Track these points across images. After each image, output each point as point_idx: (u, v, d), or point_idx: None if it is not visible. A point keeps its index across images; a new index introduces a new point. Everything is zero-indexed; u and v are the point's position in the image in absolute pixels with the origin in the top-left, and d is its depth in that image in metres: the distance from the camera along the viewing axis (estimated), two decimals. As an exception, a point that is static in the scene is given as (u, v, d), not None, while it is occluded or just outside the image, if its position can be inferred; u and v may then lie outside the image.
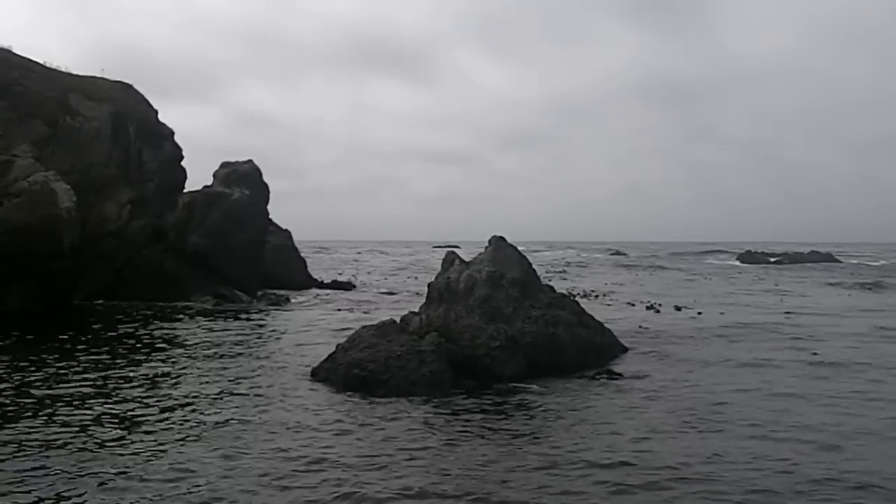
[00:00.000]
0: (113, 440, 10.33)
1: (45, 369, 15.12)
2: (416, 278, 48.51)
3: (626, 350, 18.16)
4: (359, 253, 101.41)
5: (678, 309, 28.76)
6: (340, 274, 51.17)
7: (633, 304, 30.64)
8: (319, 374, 14.89)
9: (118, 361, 16.40)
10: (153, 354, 17.50)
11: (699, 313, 27.12)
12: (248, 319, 24.58)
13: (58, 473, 8.84)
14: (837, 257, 76.37)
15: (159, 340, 19.62)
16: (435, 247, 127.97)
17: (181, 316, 24.81)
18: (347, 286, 40.92)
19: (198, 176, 35.18)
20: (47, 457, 9.45)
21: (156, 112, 33.69)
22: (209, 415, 11.83)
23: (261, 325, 23.33)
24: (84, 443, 10.13)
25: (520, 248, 18.65)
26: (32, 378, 14.23)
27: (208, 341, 19.57)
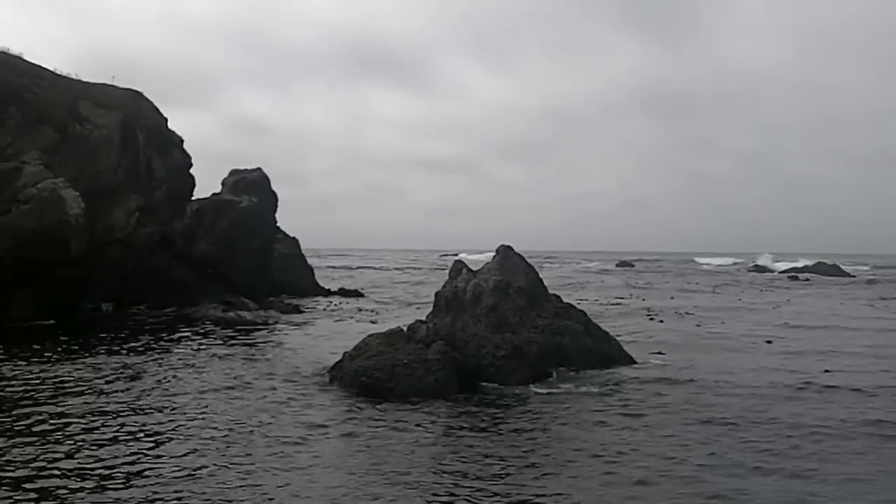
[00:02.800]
0: (123, 432, 10.43)
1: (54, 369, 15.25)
2: (422, 286, 48.50)
3: (630, 359, 18.11)
4: (365, 261, 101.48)
5: (680, 316, 28.86)
6: (351, 279, 51.28)
7: (636, 314, 30.63)
8: (326, 382, 14.93)
9: (129, 364, 16.48)
10: (157, 359, 17.55)
11: (699, 323, 27.16)
12: (254, 327, 24.64)
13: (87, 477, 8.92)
14: (842, 268, 76.04)
15: (162, 347, 19.68)
16: (441, 255, 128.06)
17: (187, 323, 24.87)
18: (354, 294, 40.99)
19: (196, 182, 35.23)
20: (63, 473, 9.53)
21: (165, 120, 33.80)
22: (211, 423, 11.89)
23: (267, 333, 23.39)
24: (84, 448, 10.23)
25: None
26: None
27: (212, 348, 19.62)
